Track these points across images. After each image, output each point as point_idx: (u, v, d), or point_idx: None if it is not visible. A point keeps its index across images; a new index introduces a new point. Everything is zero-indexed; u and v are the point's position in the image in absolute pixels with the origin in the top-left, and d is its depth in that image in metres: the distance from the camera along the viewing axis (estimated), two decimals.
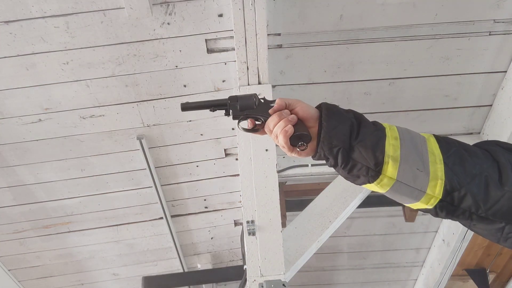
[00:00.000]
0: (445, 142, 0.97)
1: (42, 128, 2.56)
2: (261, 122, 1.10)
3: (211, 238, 3.51)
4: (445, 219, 0.97)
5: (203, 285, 3.83)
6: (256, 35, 2.19)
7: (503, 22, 2.40)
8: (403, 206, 2.76)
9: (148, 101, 2.55)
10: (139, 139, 2.67)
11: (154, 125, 2.67)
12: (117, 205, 3.09)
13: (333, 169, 1.03)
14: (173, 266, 3.65)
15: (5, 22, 2.12)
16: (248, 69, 2.30)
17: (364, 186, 0.99)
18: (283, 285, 2.26)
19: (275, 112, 1.05)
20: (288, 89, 2.63)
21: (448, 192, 0.92)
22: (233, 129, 2.76)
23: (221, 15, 2.25)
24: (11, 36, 2.17)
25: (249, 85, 2.36)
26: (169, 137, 2.75)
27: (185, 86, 2.51)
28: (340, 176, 1.04)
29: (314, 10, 2.30)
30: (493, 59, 2.57)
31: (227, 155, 2.93)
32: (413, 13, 2.35)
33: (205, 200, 3.19)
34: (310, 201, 2.74)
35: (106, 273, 3.62)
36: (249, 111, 1.11)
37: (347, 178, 1.01)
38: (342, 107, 1.05)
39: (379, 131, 0.98)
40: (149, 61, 2.37)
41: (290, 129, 1.00)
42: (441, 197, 0.92)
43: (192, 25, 2.27)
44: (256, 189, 2.35)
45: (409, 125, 1.02)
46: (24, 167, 2.74)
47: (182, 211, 3.25)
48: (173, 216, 3.25)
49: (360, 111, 1.05)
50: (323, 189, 2.77)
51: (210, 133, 2.78)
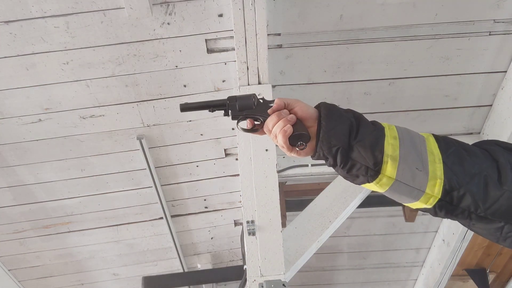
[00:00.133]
0: (444, 141, 0.97)
1: (42, 128, 2.56)
2: (260, 122, 1.10)
3: (211, 238, 3.51)
4: (444, 218, 0.97)
5: (203, 285, 3.83)
6: (256, 35, 2.19)
7: (503, 22, 2.40)
8: (403, 206, 2.76)
9: (148, 101, 2.55)
10: (139, 139, 2.67)
11: (154, 125, 2.67)
12: (117, 205, 3.09)
13: (333, 169, 1.03)
14: (173, 266, 3.65)
15: (5, 22, 2.12)
16: (248, 69, 2.30)
17: (363, 185, 1.00)
18: (283, 285, 2.26)
19: (274, 112, 1.05)
20: (288, 89, 2.63)
21: (447, 191, 0.92)
22: (233, 129, 2.76)
23: (221, 15, 2.25)
24: (11, 36, 2.17)
25: (249, 85, 2.36)
26: (169, 137, 2.75)
27: (185, 86, 2.51)
28: (340, 176, 1.04)
29: (314, 10, 2.30)
30: (493, 59, 2.56)
31: (227, 155, 2.93)
32: (413, 13, 2.35)
33: (205, 200, 3.19)
34: (310, 201, 2.74)
35: (106, 273, 3.62)
36: (248, 111, 1.11)
37: (346, 177, 1.01)
38: (342, 107, 1.05)
39: (378, 130, 0.98)
40: (149, 61, 2.37)
41: (289, 129, 1.00)
42: (440, 197, 0.93)
43: (192, 25, 2.27)
44: (256, 189, 2.35)
45: (409, 125, 1.02)
46: (24, 167, 2.74)
47: (182, 211, 3.25)
48: (173, 216, 3.25)
49: (360, 111, 1.05)
50: (323, 189, 2.77)
51: (210, 133, 2.78)
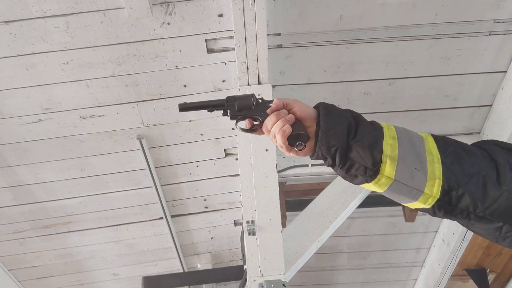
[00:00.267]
0: (443, 141, 0.97)
1: (42, 128, 2.56)
2: (259, 122, 1.10)
3: (211, 238, 3.51)
4: (443, 218, 0.97)
5: (203, 285, 3.83)
6: (256, 35, 2.19)
7: (503, 22, 2.40)
8: (403, 206, 2.76)
9: (148, 101, 2.55)
10: (139, 139, 2.67)
11: (154, 125, 2.67)
12: (117, 205, 3.09)
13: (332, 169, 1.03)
14: (173, 266, 3.65)
15: (5, 22, 2.12)
16: (248, 69, 2.30)
17: (362, 185, 1.00)
18: (283, 285, 2.26)
19: (273, 112, 1.05)
20: (288, 89, 2.63)
21: (446, 191, 0.92)
22: (233, 129, 2.75)
23: (221, 15, 2.25)
24: (11, 36, 2.17)
25: (249, 85, 2.36)
26: (169, 137, 2.75)
27: (185, 86, 2.51)
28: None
29: (314, 10, 2.30)
30: (493, 59, 2.56)
31: (227, 155, 2.93)
32: (413, 13, 2.34)
33: (205, 200, 3.19)
34: (310, 201, 2.74)
35: (106, 273, 3.62)
36: (247, 111, 1.10)
37: (345, 177, 1.01)
38: (342, 107, 1.05)
39: (377, 130, 0.98)
40: (149, 61, 2.37)
41: (288, 129, 1.00)
42: (439, 197, 0.93)
43: (192, 25, 2.27)
44: (256, 189, 2.35)
45: (409, 125, 1.02)
46: (24, 167, 2.74)
47: (182, 211, 3.25)
48: (173, 216, 3.25)
49: (360, 111, 1.05)
50: (323, 189, 2.77)
51: (210, 133, 2.78)
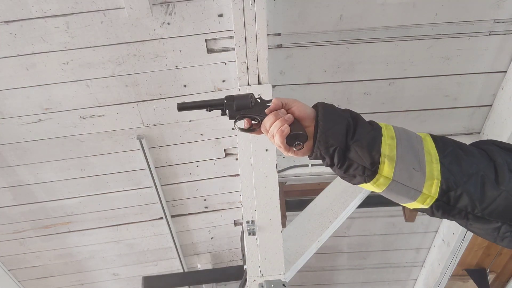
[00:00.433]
0: (441, 141, 0.97)
1: (42, 128, 2.56)
2: (258, 121, 1.10)
3: (211, 238, 3.51)
4: (442, 218, 0.97)
5: (203, 285, 3.83)
6: (256, 35, 2.19)
7: (503, 22, 2.40)
8: (403, 206, 2.76)
9: (148, 101, 2.55)
10: (139, 139, 2.67)
11: (154, 125, 2.67)
12: (117, 205, 3.09)
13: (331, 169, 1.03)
14: (173, 266, 3.65)
15: (5, 22, 2.13)
16: (248, 69, 2.30)
17: (360, 185, 0.99)
18: (283, 285, 2.26)
19: (271, 111, 1.05)
20: (288, 89, 2.63)
21: (444, 191, 0.92)
22: (233, 129, 2.75)
23: (221, 15, 2.25)
24: (11, 36, 2.17)
25: (249, 85, 2.36)
26: (169, 137, 2.76)
27: (185, 86, 2.51)
28: None
29: (314, 10, 2.30)
30: (493, 59, 2.56)
31: (227, 155, 2.93)
32: (413, 13, 2.34)
33: (205, 200, 3.19)
34: (310, 201, 2.74)
35: (106, 273, 3.62)
36: (245, 111, 1.10)
37: (343, 177, 1.01)
38: (342, 107, 1.05)
39: (375, 130, 0.98)
40: (149, 61, 2.37)
41: (286, 129, 1.00)
42: (437, 197, 0.93)
43: (192, 25, 2.27)
44: (256, 189, 2.35)
45: (409, 125, 1.01)
46: (24, 167, 2.74)
47: (182, 211, 3.25)
48: (173, 216, 3.25)
49: (360, 111, 1.05)
50: (323, 189, 2.77)
51: (210, 133, 2.78)
